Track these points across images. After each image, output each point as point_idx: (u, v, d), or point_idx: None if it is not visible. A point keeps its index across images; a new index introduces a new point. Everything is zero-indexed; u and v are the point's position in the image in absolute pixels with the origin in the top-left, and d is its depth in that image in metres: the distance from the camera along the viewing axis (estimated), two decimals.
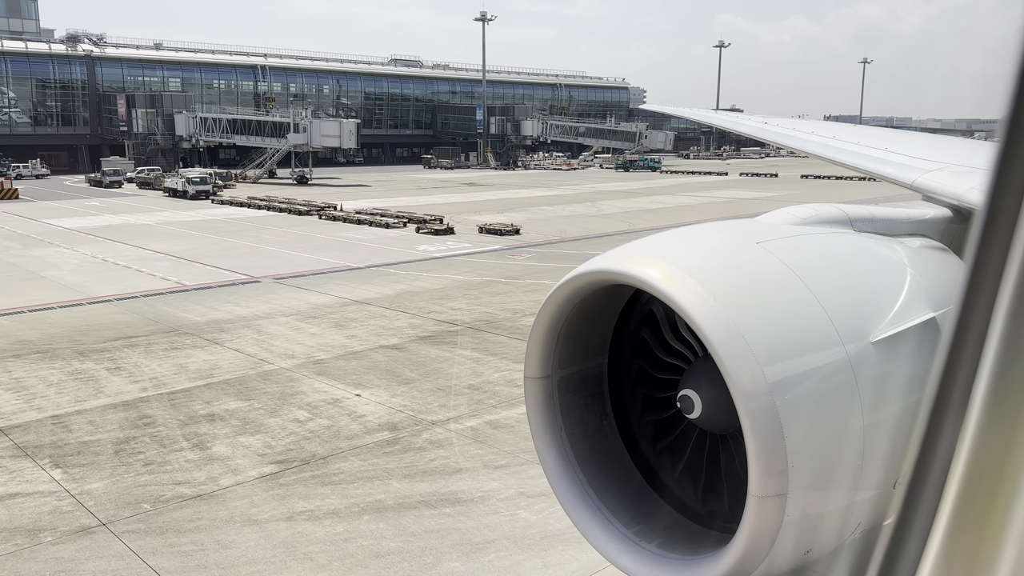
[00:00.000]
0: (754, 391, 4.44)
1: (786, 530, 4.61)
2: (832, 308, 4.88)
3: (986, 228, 1.30)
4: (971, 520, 1.31)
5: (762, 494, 4.49)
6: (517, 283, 32.75)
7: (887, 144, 11.96)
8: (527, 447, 15.57)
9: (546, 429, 5.76)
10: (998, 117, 1.29)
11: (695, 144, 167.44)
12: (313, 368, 20.96)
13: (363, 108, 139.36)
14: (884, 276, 5.63)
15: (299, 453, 15.42)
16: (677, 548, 5.45)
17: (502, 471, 14.52)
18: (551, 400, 5.80)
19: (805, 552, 4.93)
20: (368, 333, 24.58)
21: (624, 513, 5.74)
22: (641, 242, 5.45)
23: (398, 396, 18.70)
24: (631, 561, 5.43)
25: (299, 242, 45.02)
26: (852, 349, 4.77)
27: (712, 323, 4.55)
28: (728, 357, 4.49)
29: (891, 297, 5.24)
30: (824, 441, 4.72)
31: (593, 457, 5.92)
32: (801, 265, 5.14)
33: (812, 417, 4.68)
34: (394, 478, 14.27)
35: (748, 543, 4.64)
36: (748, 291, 4.95)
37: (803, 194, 75.50)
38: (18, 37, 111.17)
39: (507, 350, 22.59)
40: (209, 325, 25.74)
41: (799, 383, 4.65)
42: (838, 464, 4.74)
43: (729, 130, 36.79)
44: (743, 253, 5.22)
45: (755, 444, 4.44)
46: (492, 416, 17.33)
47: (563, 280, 5.23)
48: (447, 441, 15.94)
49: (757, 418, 4.43)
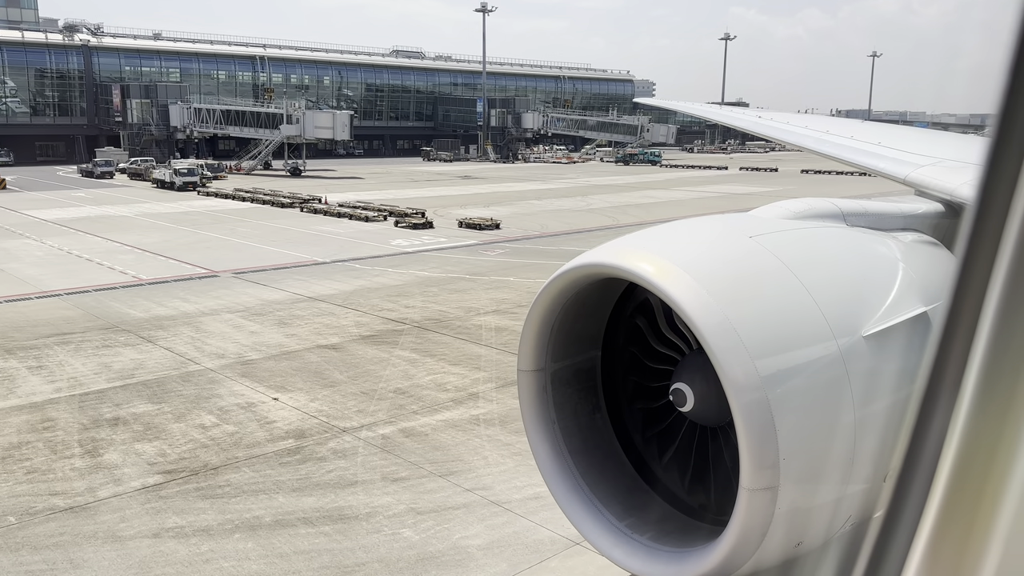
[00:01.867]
0: (746, 385, 4.46)
1: (777, 523, 4.62)
2: (824, 302, 4.88)
3: (977, 223, 1.30)
4: (959, 513, 1.32)
5: (753, 487, 4.52)
6: (481, 280, 31.86)
7: (880, 139, 12.32)
8: (433, 457, 14.72)
9: (539, 422, 6.05)
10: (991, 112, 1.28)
11: (699, 138, 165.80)
12: (239, 369, 20.14)
13: (364, 100, 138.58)
14: (876, 271, 5.68)
15: (191, 463, 14.59)
16: (669, 540, 5.63)
17: (400, 484, 13.66)
18: (544, 393, 6.03)
19: (796, 545, 4.96)
20: (309, 332, 23.74)
21: (616, 506, 5.93)
22: (635, 236, 5.63)
23: (318, 400, 17.86)
24: (623, 553, 5.62)
25: (273, 235, 44.25)
26: (844, 343, 4.77)
27: (705, 317, 4.59)
28: (721, 351, 4.51)
29: (883, 292, 5.26)
30: (815, 435, 4.73)
31: (586, 450, 6.13)
32: (794, 260, 5.16)
33: (804, 411, 4.69)
34: (282, 492, 13.42)
35: (739, 535, 4.68)
36: (741, 285, 5.00)
37: (799, 189, 74.19)
38: (15, 26, 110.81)
39: (447, 351, 21.71)
40: (150, 322, 24.98)
41: (791, 377, 4.65)
42: (829, 457, 4.75)
43: (724, 124, 35.95)
44: (736, 247, 5.29)
45: (747, 437, 4.46)
46: (409, 423, 16.46)
47: (557, 273, 5.44)
48: (352, 451, 15.08)
49: (749, 411, 4.45)
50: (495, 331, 23.86)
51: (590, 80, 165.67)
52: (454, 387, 18.74)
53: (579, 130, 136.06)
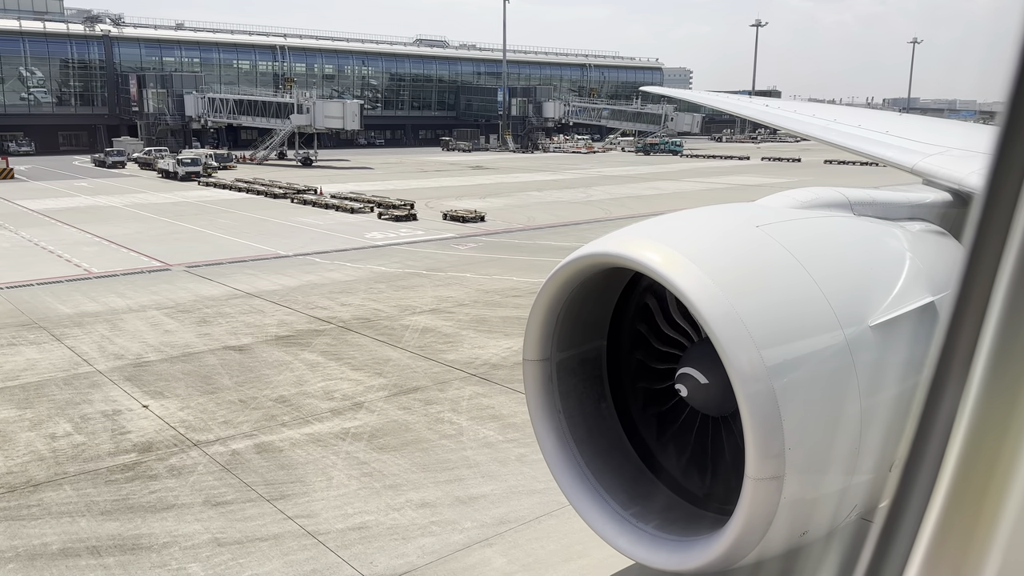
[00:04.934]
0: (752, 374, 4.44)
1: (782, 512, 4.59)
2: (831, 292, 4.83)
3: (985, 212, 1.29)
4: (966, 504, 1.32)
5: (759, 476, 4.52)
6: (436, 276, 30.55)
7: (888, 127, 12.05)
8: (273, 478, 13.51)
9: (544, 411, 6.07)
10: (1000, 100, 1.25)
11: (729, 127, 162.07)
12: (129, 372, 19.13)
13: (386, 89, 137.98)
14: (883, 260, 5.62)
15: (15, 479, 13.56)
16: (674, 529, 5.62)
17: (219, 509, 12.44)
18: (550, 383, 6.03)
19: (801, 534, 4.93)
20: (225, 332, 22.68)
21: (621, 494, 5.93)
22: (642, 225, 5.58)
23: (189, 408, 16.74)
24: (628, 542, 5.63)
25: (249, 227, 43.47)
26: (851, 333, 4.72)
27: (711, 307, 4.56)
28: (727, 340, 4.49)
29: (890, 281, 5.20)
30: (821, 424, 4.70)
31: (591, 439, 6.12)
32: (800, 249, 5.09)
33: (810, 400, 4.66)
34: (89, 515, 12.29)
35: (744, 525, 4.66)
36: (747, 275, 4.95)
37: (817, 181, 71.22)
38: (40, 17, 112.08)
39: (357, 354, 20.47)
40: (71, 318, 24.16)
41: (797, 367, 4.60)
42: (835, 447, 4.70)
43: (730, 113, 34.75)
44: (743, 237, 5.23)
45: (752, 427, 4.46)
46: (271, 437, 15.25)
47: (563, 262, 5.49)
48: (191, 468, 13.92)
49: (755, 401, 4.44)
50: (420, 332, 22.57)
51: (617, 68, 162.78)
52: (342, 395, 17.50)
53: (601, 119, 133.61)
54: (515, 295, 27.17)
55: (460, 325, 23.38)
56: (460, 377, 18.76)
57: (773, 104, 21.59)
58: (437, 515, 12.25)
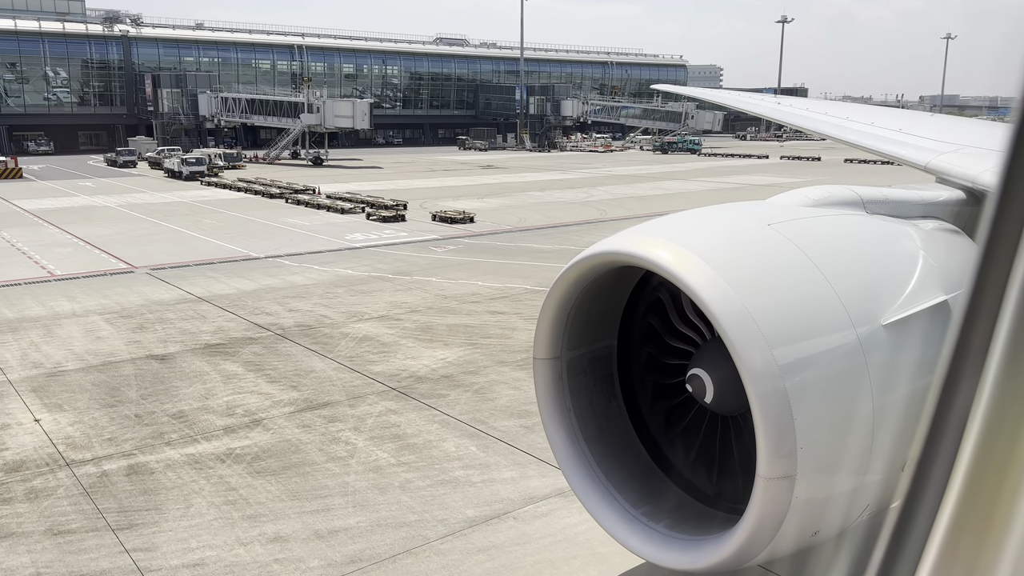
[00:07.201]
0: (764, 373, 4.44)
1: (794, 511, 4.59)
2: (843, 291, 4.80)
3: (999, 210, 1.27)
4: (979, 504, 1.31)
5: (770, 475, 4.52)
6: (400, 280, 29.61)
7: (901, 125, 11.91)
8: (131, 504, 12.61)
9: (555, 410, 6.05)
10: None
11: (754, 125, 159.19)
12: (39, 382, 18.41)
13: (405, 88, 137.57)
14: (896, 259, 5.54)
15: None
16: (684, 528, 5.57)
17: (56, 540, 11.56)
18: (560, 381, 6.01)
19: (812, 534, 4.89)
20: (155, 339, 21.92)
21: (632, 493, 5.90)
22: (653, 223, 5.50)
23: (80, 423, 15.94)
24: (639, 541, 5.58)
25: (232, 228, 42.93)
26: (863, 332, 4.69)
27: (723, 306, 4.57)
28: (738, 339, 4.49)
29: (903, 280, 5.13)
30: (833, 423, 4.67)
31: (601, 438, 6.11)
32: (813, 248, 5.03)
33: (822, 399, 4.63)
34: None
35: (755, 524, 4.68)
36: (759, 274, 4.90)
37: (831, 180, 69.15)
38: (62, 18, 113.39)
39: (282, 365, 19.56)
40: (9, 323, 23.59)
41: (809, 366, 4.58)
42: (847, 447, 4.66)
43: (742, 111, 33.56)
44: (755, 235, 5.15)
45: (764, 426, 4.47)
46: (149, 457, 14.38)
47: (574, 261, 5.45)
48: (51, 491, 13.07)
49: (767, 400, 4.43)
50: (358, 341, 21.61)
51: (639, 66, 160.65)
52: (244, 411, 16.58)
53: (621, 117, 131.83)
54: (472, 301, 26.12)
55: (403, 333, 22.38)
56: (378, 391, 17.75)
57: (785, 102, 20.62)
58: (285, 551, 11.24)
